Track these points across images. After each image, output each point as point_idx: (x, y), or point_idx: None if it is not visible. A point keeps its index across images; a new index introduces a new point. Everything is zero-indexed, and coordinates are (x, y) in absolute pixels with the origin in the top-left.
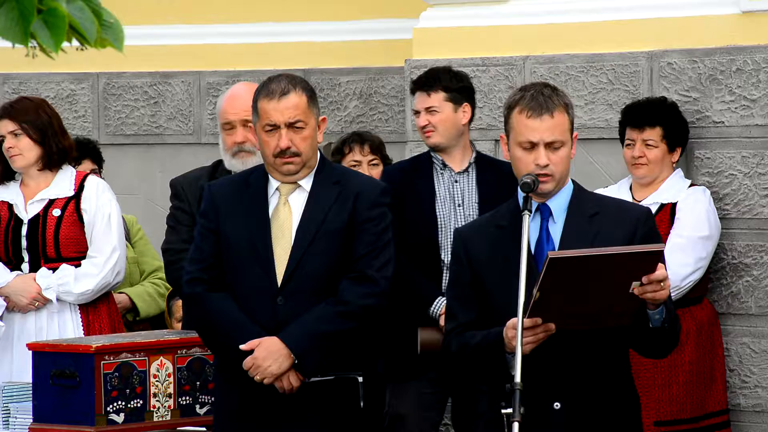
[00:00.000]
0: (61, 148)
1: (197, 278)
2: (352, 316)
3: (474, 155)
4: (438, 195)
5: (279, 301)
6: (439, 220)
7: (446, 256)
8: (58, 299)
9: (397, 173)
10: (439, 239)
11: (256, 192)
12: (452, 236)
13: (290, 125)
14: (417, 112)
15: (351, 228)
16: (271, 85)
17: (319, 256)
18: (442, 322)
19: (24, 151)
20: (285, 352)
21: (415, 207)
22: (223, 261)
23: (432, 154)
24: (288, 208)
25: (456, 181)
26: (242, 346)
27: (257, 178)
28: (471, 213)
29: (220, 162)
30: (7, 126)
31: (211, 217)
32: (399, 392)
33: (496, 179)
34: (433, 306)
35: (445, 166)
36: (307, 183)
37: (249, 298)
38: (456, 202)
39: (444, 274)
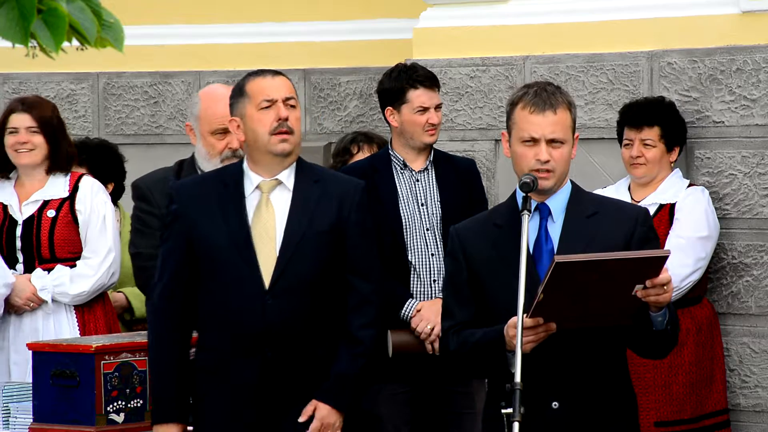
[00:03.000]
0: (69, 154)
1: (169, 295)
2: (368, 350)
3: (432, 153)
4: (400, 195)
5: (267, 301)
6: (403, 220)
7: (413, 257)
8: (53, 300)
9: (357, 173)
10: (405, 240)
11: (233, 191)
12: (414, 236)
13: (285, 101)
14: (425, 109)
15: (338, 230)
16: (259, 71)
17: (307, 257)
18: (413, 324)
19: (36, 148)
20: (337, 418)
21: (379, 207)
22: (203, 264)
23: (391, 152)
24: (270, 207)
25: (417, 180)
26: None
27: (232, 177)
28: (434, 212)
29: (183, 162)
30: (24, 121)
31: (181, 220)
32: (373, 394)
33: (453, 176)
34: (404, 309)
35: (405, 165)
36: (288, 180)
37: (235, 300)
38: (419, 202)
39: (411, 275)
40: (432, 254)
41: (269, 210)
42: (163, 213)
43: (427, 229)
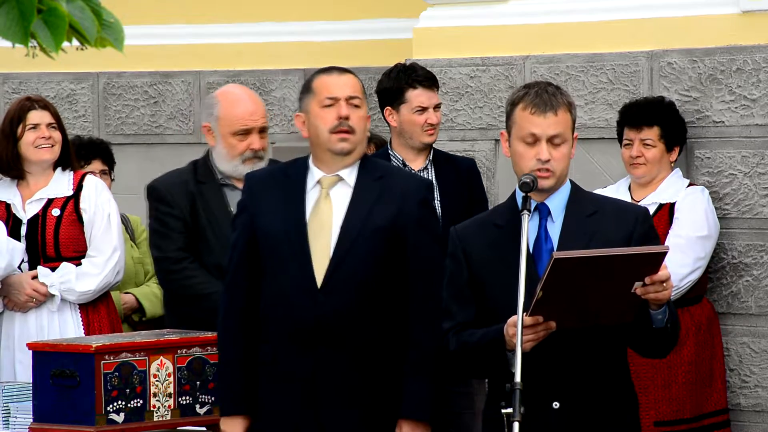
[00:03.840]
0: (70, 150)
1: (234, 288)
2: (431, 351)
3: (432, 153)
4: None
5: (320, 297)
6: None
7: None
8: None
9: None
10: None
11: (295, 185)
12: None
13: (349, 100)
14: (423, 109)
15: (396, 227)
16: (328, 68)
17: (362, 254)
18: None
19: (56, 144)
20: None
21: None
22: (263, 256)
23: (391, 152)
24: (329, 202)
25: None
26: None
27: (297, 170)
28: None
29: (197, 162)
30: (44, 117)
31: (245, 212)
32: None
33: (454, 176)
34: None
35: (405, 165)
36: (350, 177)
37: (289, 294)
38: None
39: None
40: None
41: (327, 205)
42: (186, 215)
43: None
